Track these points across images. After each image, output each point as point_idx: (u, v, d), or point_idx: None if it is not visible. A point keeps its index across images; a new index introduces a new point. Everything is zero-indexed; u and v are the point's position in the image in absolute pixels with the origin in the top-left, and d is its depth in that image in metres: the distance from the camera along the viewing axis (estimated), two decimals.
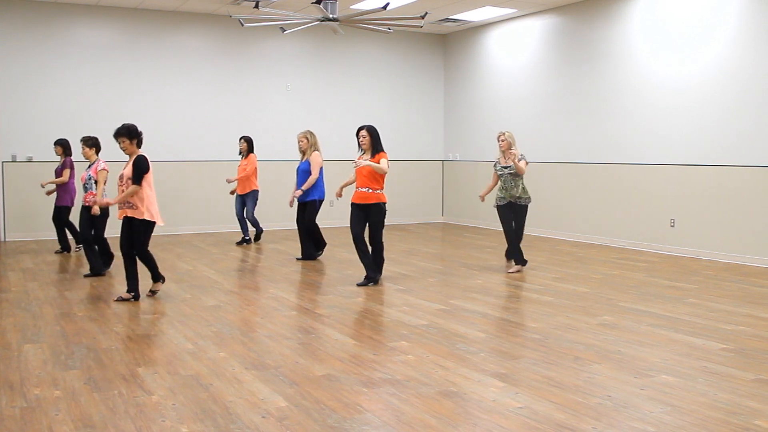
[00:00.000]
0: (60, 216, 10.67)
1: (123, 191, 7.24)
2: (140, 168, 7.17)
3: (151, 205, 7.25)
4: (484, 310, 6.92)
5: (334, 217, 13.91)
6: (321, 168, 9.98)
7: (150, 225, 7.31)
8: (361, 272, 8.56)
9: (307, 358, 5.30)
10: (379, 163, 8.06)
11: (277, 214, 13.85)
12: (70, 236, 10.92)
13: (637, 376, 4.86)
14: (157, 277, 7.56)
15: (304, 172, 9.95)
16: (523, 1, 12.31)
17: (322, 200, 10.13)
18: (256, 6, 9.53)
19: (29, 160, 12.29)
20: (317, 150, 10.02)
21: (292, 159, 14.02)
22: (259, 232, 12.01)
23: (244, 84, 13.77)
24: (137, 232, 7.26)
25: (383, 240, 8.44)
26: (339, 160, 13.52)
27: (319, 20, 9.64)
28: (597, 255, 10.56)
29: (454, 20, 13.82)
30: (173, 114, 13.21)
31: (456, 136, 15.36)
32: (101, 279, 8.67)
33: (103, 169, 8.65)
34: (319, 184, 10.01)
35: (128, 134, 7.26)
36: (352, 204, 8.34)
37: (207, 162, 13.02)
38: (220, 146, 13.31)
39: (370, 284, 8.20)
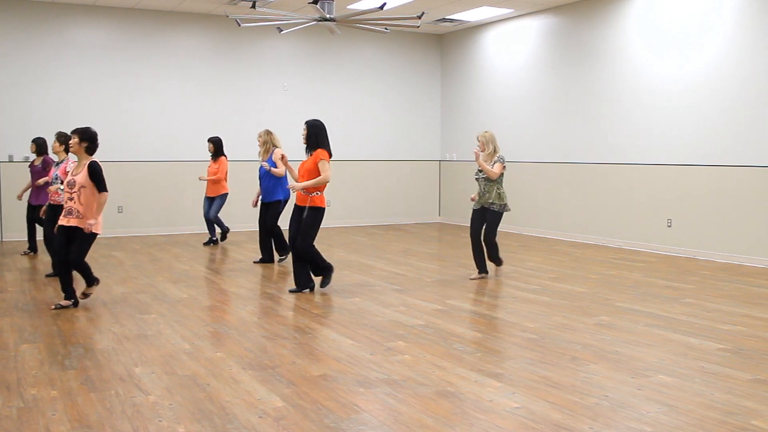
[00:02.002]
0: (34, 214, 10.55)
1: (72, 198, 6.94)
2: (100, 174, 6.92)
3: (100, 215, 7.01)
4: (480, 310, 6.92)
5: (332, 217, 13.92)
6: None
7: (95, 237, 7.04)
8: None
9: (304, 358, 5.30)
10: (317, 164, 7.63)
11: None
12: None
13: (634, 376, 4.86)
14: (91, 281, 7.28)
15: (267, 173, 9.63)
16: (520, 1, 12.32)
17: (287, 200, 9.82)
18: (253, 6, 9.52)
19: (26, 160, 12.27)
20: (277, 146, 9.74)
21: (289, 159, 14.02)
22: (224, 231, 11.88)
23: (241, 84, 13.77)
24: (82, 242, 6.98)
25: (312, 246, 7.78)
26: (335, 159, 13.48)
27: (316, 20, 9.64)
28: (594, 255, 10.57)
29: (451, 20, 13.82)
30: (170, 114, 13.21)
31: (453, 136, 15.36)
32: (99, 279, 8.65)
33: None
34: (284, 182, 9.74)
35: (81, 134, 7.00)
36: (295, 205, 7.89)
37: (204, 162, 12.96)
38: None
39: (302, 291, 7.86)
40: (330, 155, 7.70)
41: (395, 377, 4.83)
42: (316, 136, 7.70)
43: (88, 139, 7.02)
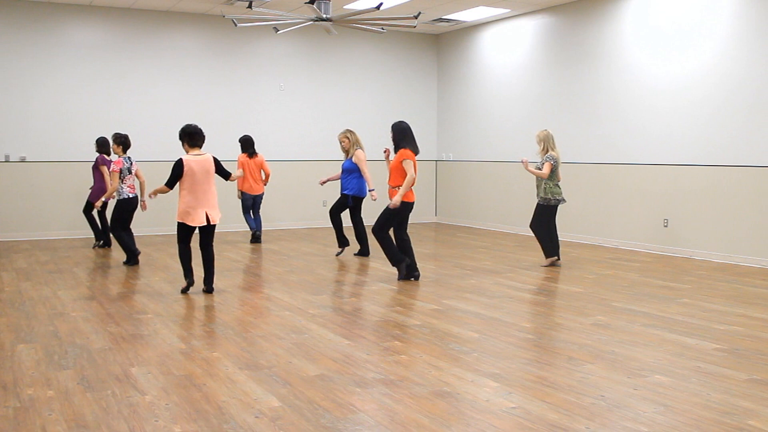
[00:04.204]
0: (104, 210, 11.11)
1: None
2: (172, 171, 7.69)
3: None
4: (477, 310, 6.92)
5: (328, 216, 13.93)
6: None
7: (178, 224, 7.75)
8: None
9: (300, 358, 5.29)
10: (401, 162, 8.34)
11: (271, 214, 13.83)
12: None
13: (630, 376, 4.87)
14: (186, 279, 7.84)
15: (348, 171, 10.21)
16: (516, 1, 12.33)
17: (358, 197, 10.30)
18: (250, 6, 9.51)
19: (22, 160, 12.25)
20: (360, 147, 10.26)
21: (285, 159, 14.03)
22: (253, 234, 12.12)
23: (238, 84, 13.76)
24: None
25: (380, 235, 8.45)
26: (332, 159, 13.50)
27: (312, 20, 9.64)
28: (590, 255, 10.58)
29: (448, 20, 13.83)
30: (166, 114, 13.18)
31: (449, 136, 15.36)
32: (96, 279, 8.66)
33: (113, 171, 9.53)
34: (360, 181, 10.25)
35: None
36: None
37: None
38: (213, 146, 13.25)
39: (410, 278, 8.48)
40: (415, 152, 8.37)
41: (392, 377, 4.83)
42: (400, 137, 8.37)
43: (180, 136, 7.80)
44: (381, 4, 9.27)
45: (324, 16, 9.49)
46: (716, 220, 10.03)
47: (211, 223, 7.68)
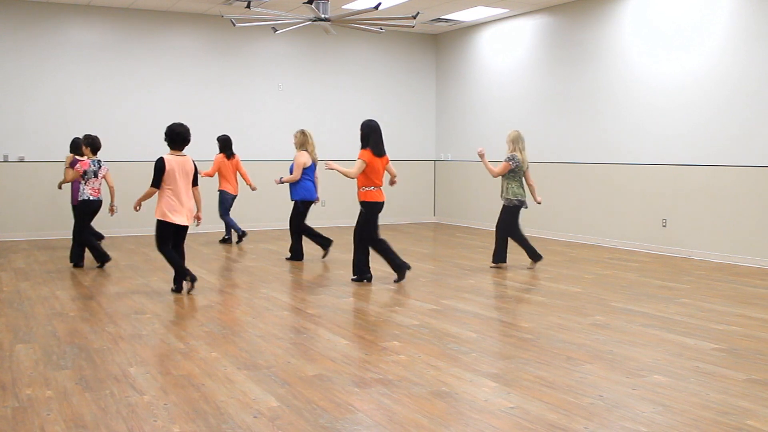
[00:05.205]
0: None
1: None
2: (155, 170, 7.59)
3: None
4: (476, 310, 6.92)
5: (327, 217, 13.94)
6: (309, 168, 9.82)
7: (158, 222, 7.60)
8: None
9: (299, 358, 5.29)
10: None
11: (269, 214, 13.84)
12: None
13: (629, 376, 4.87)
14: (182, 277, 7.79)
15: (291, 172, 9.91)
16: (515, 1, 12.33)
17: (307, 201, 9.84)
18: (248, 6, 9.51)
19: (21, 160, 12.25)
20: (304, 149, 9.89)
21: (284, 159, 14.03)
22: (239, 234, 11.93)
23: (236, 84, 13.76)
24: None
25: (374, 240, 8.37)
26: (332, 159, 13.48)
27: (310, 20, 9.64)
28: (589, 255, 10.58)
29: (446, 20, 13.83)
30: (165, 114, 13.14)
31: (448, 136, 15.37)
32: (94, 278, 8.65)
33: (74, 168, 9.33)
34: (303, 184, 9.80)
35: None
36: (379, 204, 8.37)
37: (198, 162, 12.94)
38: (212, 146, 13.27)
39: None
40: (375, 154, 8.13)
41: (390, 377, 4.83)
42: (365, 135, 8.26)
43: (165, 134, 7.89)
44: (379, 4, 9.27)
45: (322, 16, 9.49)
46: (715, 220, 10.03)
47: (188, 224, 7.71)
